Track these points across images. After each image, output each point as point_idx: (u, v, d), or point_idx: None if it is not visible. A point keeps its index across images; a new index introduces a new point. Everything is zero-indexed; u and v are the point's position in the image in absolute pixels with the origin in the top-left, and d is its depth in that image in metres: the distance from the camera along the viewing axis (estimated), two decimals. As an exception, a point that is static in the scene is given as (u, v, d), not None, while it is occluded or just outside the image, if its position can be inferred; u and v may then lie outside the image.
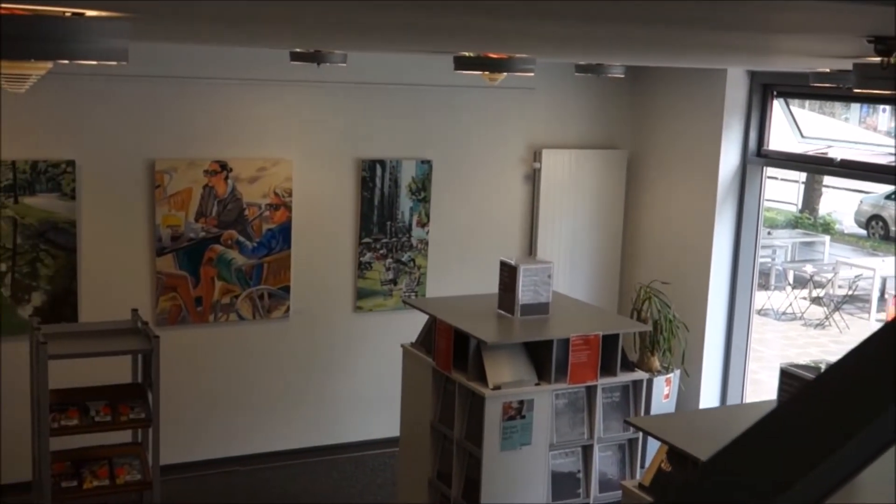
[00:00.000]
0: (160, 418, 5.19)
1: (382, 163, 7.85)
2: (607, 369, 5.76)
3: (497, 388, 5.40)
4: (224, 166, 7.32)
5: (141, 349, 5.10)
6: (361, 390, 8.08)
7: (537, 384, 5.55)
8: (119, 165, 7.08)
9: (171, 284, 7.30)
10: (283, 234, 7.59)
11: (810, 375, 4.19)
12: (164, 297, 7.28)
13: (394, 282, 8.04)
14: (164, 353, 5.30)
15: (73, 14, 1.72)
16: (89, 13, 1.72)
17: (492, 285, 6.86)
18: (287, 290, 7.68)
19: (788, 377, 4.21)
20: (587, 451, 5.78)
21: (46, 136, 6.86)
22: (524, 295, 5.88)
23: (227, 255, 7.44)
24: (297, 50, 6.15)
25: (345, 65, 6.37)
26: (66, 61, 1.63)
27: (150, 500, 5.20)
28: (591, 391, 5.72)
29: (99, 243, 7.08)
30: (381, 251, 7.96)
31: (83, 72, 6.28)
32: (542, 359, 5.60)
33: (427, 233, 8.08)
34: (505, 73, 4.71)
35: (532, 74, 4.77)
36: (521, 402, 5.47)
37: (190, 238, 7.30)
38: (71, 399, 5.08)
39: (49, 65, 1.78)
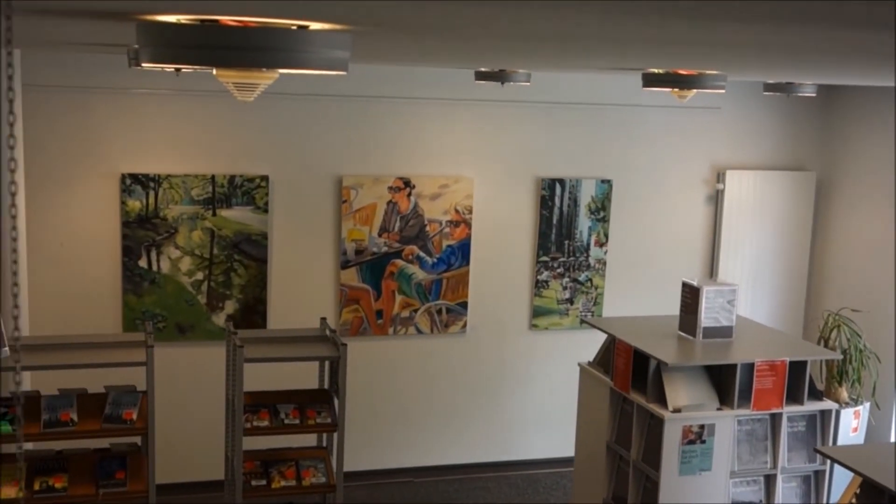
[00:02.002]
0: (343, 425, 5.35)
1: (562, 182, 7.86)
2: (793, 398, 5.57)
3: (677, 410, 5.31)
4: (407, 183, 7.51)
5: (329, 356, 5.28)
6: (536, 408, 8.09)
7: (719, 409, 5.42)
8: (309, 181, 7.37)
9: (354, 297, 7.52)
10: (463, 250, 7.70)
11: None
12: (346, 309, 7.51)
13: (570, 301, 8.02)
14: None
15: (299, 27, 1.83)
16: (313, 26, 1.83)
17: (670, 308, 6.76)
18: (465, 305, 7.78)
19: None
20: (770, 481, 5.60)
21: (244, 152, 7.22)
22: (707, 317, 5.76)
23: (407, 270, 7.61)
24: (483, 69, 6.25)
25: (528, 84, 6.44)
26: (293, 70, 1.74)
27: (332, 503, 5.37)
28: (775, 419, 5.54)
29: (288, 255, 7.38)
30: (559, 270, 7.96)
31: (275, 91, 6.56)
32: (725, 383, 5.47)
33: (605, 253, 8.03)
34: (694, 91, 4.64)
35: (723, 91, 4.69)
36: (702, 427, 5.36)
37: (373, 252, 7.51)
38: (262, 401, 5.31)
39: (276, 74, 1.90)
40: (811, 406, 5.60)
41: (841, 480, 5.94)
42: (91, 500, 4.85)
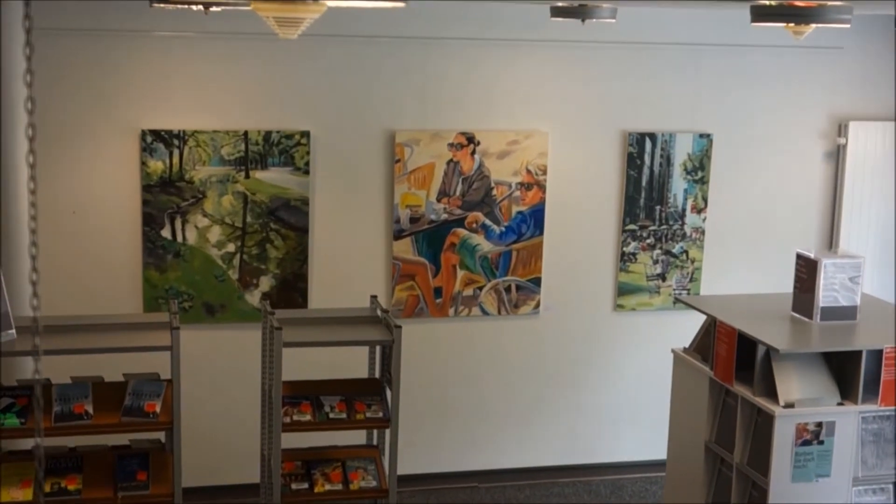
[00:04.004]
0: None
1: (653, 136, 7.79)
2: (930, 391, 5.48)
3: (790, 405, 5.26)
4: (471, 139, 7.49)
5: (381, 340, 5.29)
6: (621, 402, 8.06)
7: (840, 404, 5.36)
8: (356, 137, 7.39)
9: (409, 272, 7.54)
10: (536, 217, 7.68)
11: None
12: (400, 287, 7.54)
13: (662, 277, 7.97)
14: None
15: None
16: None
17: (781, 285, 6.68)
18: (538, 282, 7.76)
19: None
20: (901, 489, 5.53)
21: (281, 105, 7.24)
22: (826, 295, 5.70)
23: (471, 241, 7.61)
24: (560, 4, 6.18)
25: (613, 20, 6.35)
26: (342, 3, 1.72)
27: (385, 511, 5.41)
28: (908, 416, 5.47)
29: (332, 223, 7.42)
30: (649, 241, 7.90)
31: (318, 33, 6.57)
32: (847, 374, 5.41)
33: (704, 220, 7.95)
34: (813, 26, 4.53)
35: (847, 26, 4.57)
36: (820, 425, 5.30)
37: (431, 220, 7.52)
38: (303, 392, 5.34)
39: (323, 7, 1.88)
40: (952, 402, 5.51)
41: None
42: (109, 505, 4.94)
